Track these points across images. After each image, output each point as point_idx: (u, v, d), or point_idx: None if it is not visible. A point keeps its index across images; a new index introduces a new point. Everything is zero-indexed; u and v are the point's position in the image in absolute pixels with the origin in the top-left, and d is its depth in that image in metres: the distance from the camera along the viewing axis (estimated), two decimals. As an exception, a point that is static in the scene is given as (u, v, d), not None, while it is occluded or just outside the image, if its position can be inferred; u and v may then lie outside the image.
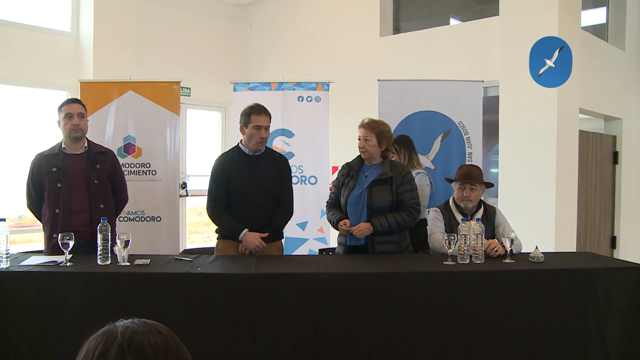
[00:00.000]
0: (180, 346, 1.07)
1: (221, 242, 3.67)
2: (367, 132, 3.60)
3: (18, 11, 6.12)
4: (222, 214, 3.59)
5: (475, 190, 3.63)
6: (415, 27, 6.91)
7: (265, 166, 3.67)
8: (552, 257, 3.43)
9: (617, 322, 3.04)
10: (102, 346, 0.99)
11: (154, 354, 1.00)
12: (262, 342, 2.89)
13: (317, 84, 5.03)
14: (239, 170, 3.61)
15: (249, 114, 3.60)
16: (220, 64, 7.85)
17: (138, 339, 1.01)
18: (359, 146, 3.66)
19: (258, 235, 3.52)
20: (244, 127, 3.62)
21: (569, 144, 5.50)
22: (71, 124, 3.57)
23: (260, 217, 3.61)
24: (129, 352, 0.98)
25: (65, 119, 3.58)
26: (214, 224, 3.71)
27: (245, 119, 3.60)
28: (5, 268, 2.94)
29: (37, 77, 6.16)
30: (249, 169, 3.63)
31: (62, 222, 3.50)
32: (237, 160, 3.64)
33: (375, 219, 3.49)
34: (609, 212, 6.96)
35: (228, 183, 3.59)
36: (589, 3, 7.02)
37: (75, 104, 3.66)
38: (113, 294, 2.92)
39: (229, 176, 3.59)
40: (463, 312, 2.98)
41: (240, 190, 3.59)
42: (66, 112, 3.58)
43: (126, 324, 1.04)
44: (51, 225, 3.54)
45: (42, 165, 3.58)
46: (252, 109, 3.62)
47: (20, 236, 5.84)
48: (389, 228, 3.48)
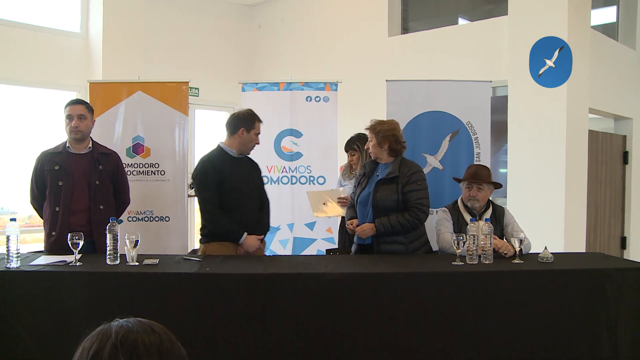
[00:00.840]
0: (175, 344, 1.06)
1: (214, 245, 3.58)
2: (369, 133, 3.69)
3: (28, 12, 6.16)
4: (222, 217, 3.56)
5: (483, 190, 3.62)
6: (423, 27, 6.89)
7: (248, 167, 3.79)
8: (562, 258, 3.41)
9: (628, 323, 3.02)
10: (96, 346, 1.00)
11: (148, 353, 1.00)
12: (271, 342, 2.89)
13: (325, 84, 5.03)
14: (231, 172, 3.61)
15: (252, 121, 3.67)
16: (228, 64, 7.87)
17: (132, 338, 1.01)
18: (365, 147, 3.79)
19: (256, 237, 3.62)
20: (245, 131, 3.65)
21: (578, 143, 5.47)
22: (70, 125, 3.60)
23: (252, 217, 3.69)
24: (122, 352, 0.99)
25: (66, 120, 3.62)
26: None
27: (248, 124, 3.66)
28: (15, 267, 2.96)
29: (46, 78, 6.20)
30: (239, 170, 3.67)
31: (61, 220, 3.53)
32: (226, 162, 3.63)
33: (378, 220, 3.50)
34: (619, 213, 6.91)
35: (221, 185, 3.57)
36: (599, 2, 6.98)
37: (77, 105, 3.67)
38: (122, 294, 2.93)
39: (221, 178, 3.57)
40: (471, 312, 2.97)
41: (236, 192, 3.61)
42: (67, 114, 3.62)
43: (121, 324, 1.05)
44: (51, 223, 3.57)
45: (46, 162, 3.61)
46: (255, 116, 3.71)
47: (30, 236, 5.87)
48: (391, 229, 3.48)
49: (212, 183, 3.55)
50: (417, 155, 4.54)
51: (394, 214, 3.51)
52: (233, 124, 3.68)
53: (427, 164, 4.60)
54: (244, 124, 3.65)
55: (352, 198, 3.86)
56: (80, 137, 3.63)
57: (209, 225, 3.60)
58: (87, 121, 3.66)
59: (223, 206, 3.57)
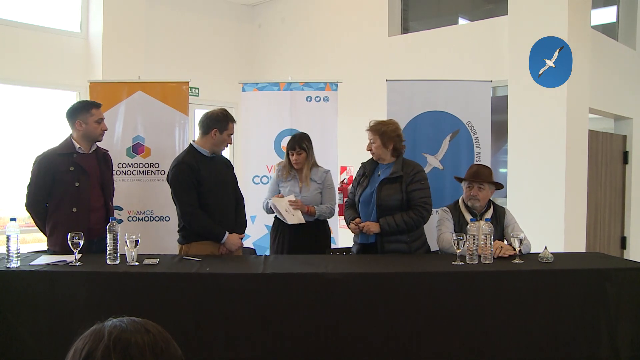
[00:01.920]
0: (170, 344, 1.05)
1: (196, 245, 3.55)
2: (371, 134, 3.66)
3: (28, 12, 6.16)
4: (204, 217, 3.54)
5: (484, 189, 3.62)
6: (423, 26, 6.89)
7: (221, 166, 3.78)
8: (562, 258, 3.42)
9: (628, 323, 3.02)
10: (89, 346, 0.99)
11: (141, 354, 0.99)
12: (271, 342, 2.89)
13: (325, 84, 5.03)
14: (206, 172, 3.60)
15: (225, 121, 3.64)
16: (228, 64, 7.87)
17: (125, 338, 1.00)
18: (367, 148, 3.73)
19: (238, 236, 3.65)
20: (218, 131, 3.61)
21: (578, 143, 5.47)
22: (101, 128, 3.68)
23: (230, 216, 3.71)
24: (114, 352, 0.97)
25: (95, 123, 3.65)
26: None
27: (222, 125, 3.62)
28: (16, 267, 2.96)
29: (46, 78, 6.20)
30: (214, 170, 3.67)
31: (81, 220, 3.52)
32: (201, 162, 3.61)
33: (383, 219, 3.50)
34: (619, 213, 6.91)
35: (198, 186, 3.55)
36: (599, 2, 6.97)
37: (100, 108, 3.75)
38: (122, 294, 2.93)
39: (198, 179, 3.55)
40: (471, 312, 2.97)
41: (213, 192, 3.60)
42: (98, 117, 3.66)
43: (114, 323, 1.03)
44: (68, 224, 3.45)
45: (57, 164, 3.57)
46: (229, 117, 3.67)
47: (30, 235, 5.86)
48: (397, 228, 3.49)
49: (190, 184, 3.54)
50: (418, 155, 4.55)
51: (398, 213, 3.52)
52: (206, 124, 3.64)
53: (428, 163, 4.60)
54: (217, 124, 3.61)
55: (349, 198, 3.86)
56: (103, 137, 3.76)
57: (190, 227, 3.57)
58: None
59: (201, 206, 3.56)
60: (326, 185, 4.24)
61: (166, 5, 7.29)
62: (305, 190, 4.17)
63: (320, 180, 4.22)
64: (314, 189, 4.18)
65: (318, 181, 4.21)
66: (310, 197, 4.16)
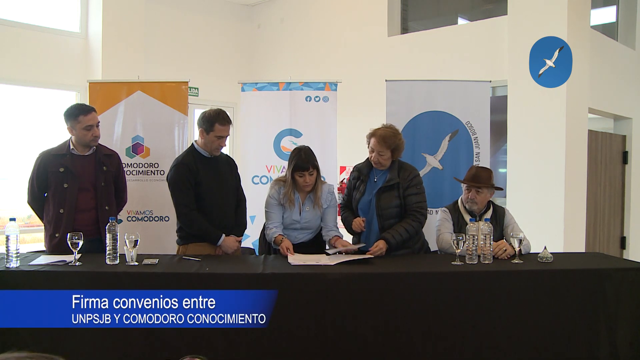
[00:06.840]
0: None
1: (193, 246, 3.55)
2: (381, 147, 3.57)
3: (27, 12, 6.16)
4: (199, 219, 3.52)
5: (482, 192, 3.62)
6: (423, 26, 6.89)
7: (223, 167, 3.73)
8: (561, 258, 3.42)
9: (627, 323, 3.02)
10: None
11: None
12: (271, 341, 2.89)
13: (325, 84, 5.03)
14: (206, 173, 3.57)
15: (212, 122, 3.51)
16: (228, 64, 7.87)
17: None
18: (372, 160, 3.64)
19: (235, 238, 3.61)
20: (204, 132, 3.54)
21: (578, 143, 5.47)
22: (91, 135, 3.59)
23: (229, 217, 3.67)
24: None
25: (84, 130, 3.56)
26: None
27: (208, 126, 3.52)
28: (15, 267, 2.96)
29: (46, 78, 6.20)
30: (213, 171, 3.63)
31: (66, 221, 3.52)
32: (200, 163, 3.58)
33: (388, 234, 3.48)
34: (619, 213, 6.91)
35: (196, 187, 3.53)
36: (599, 2, 6.97)
37: (92, 113, 3.61)
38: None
39: (196, 180, 3.53)
40: (471, 312, 2.97)
41: (212, 193, 3.57)
42: (87, 124, 3.56)
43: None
44: (54, 224, 3.56)
45: (49, 164, 3.59)
46: (217, 118, 3.52)
47: (29, 235, 5.86)
48: (402, 239, 3.49)
49: (188, 185, 3.51)
50: (417, 155, 4.55)
51: (398, 224, 3.51)
52: (198, 123, 3.61)
53: (427, 163, 4.60)
54: (204, 124, 3.55)
55: (343, 199, 3.84)
56: (97, 142, 3.67)
57: (187, 228, 3.57)
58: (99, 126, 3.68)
59: (199, 208, 3.54)
60: (332, 204, 3.72)
61: (165, 5, 7.29)
62: (309, 213, 3.67)
63: (326, 203, 3.69)
64: (317, 211, 3.70)
65: (324, 205, 3.69)
66: (312, 221, 3.70)
